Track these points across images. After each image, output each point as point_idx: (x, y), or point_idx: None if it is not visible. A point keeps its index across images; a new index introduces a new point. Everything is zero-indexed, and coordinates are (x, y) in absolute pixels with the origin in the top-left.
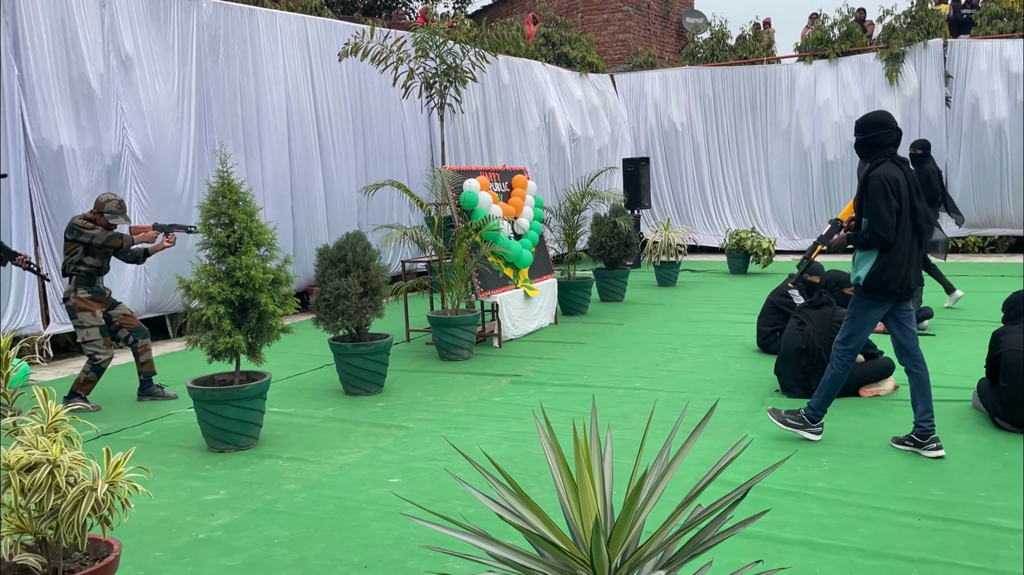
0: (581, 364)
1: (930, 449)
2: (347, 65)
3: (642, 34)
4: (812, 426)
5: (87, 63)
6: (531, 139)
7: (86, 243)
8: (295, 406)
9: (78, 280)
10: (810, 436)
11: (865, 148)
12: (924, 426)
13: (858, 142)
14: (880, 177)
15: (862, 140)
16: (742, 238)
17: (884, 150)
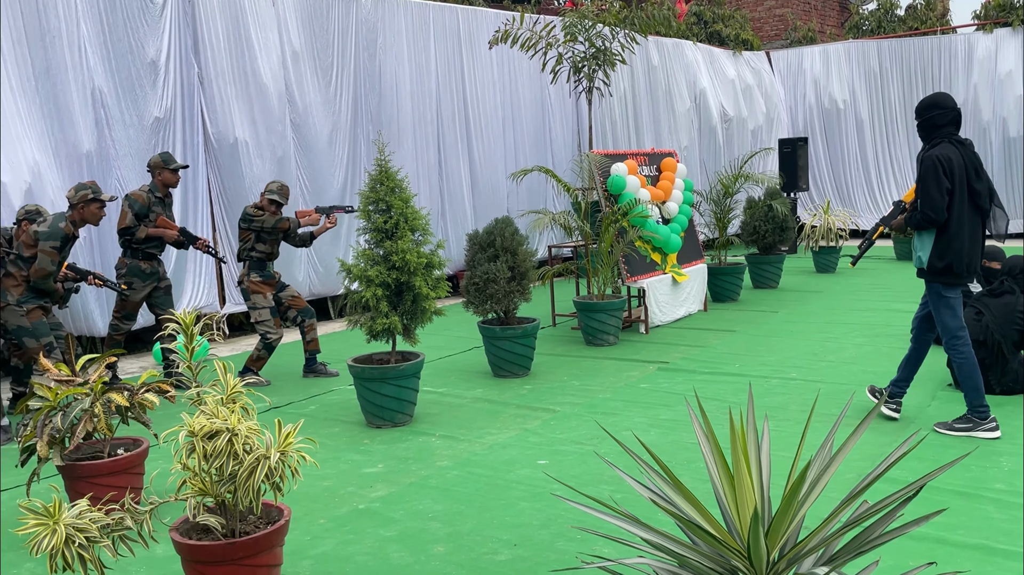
0: (732, 352)
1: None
2: (494, 52)
3: (801, 8)
4: (983, 424)
5: (259, 60)
6: (680, 121)
7: (257, 230)
8: (446, 386)
9: (251, 265)
10: (985, 435)
11: (923, 131)
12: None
13: (917, 125)
14: (932, 157)
15: (919, 123)
16: None
17: (941, 131)
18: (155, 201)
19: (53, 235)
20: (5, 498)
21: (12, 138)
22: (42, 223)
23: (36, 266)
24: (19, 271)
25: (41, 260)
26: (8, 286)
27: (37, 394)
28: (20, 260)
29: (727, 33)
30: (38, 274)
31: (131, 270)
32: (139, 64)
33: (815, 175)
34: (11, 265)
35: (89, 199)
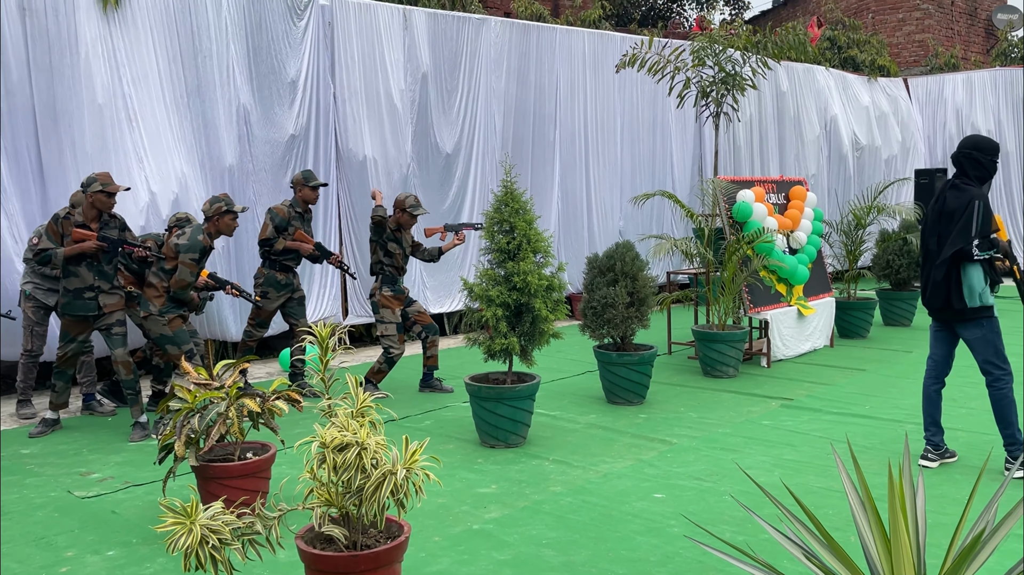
0: (862, 392)
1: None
2: (616, 75)
3: (943, 33)
4: None
5: (391, 80)
6: (809, 148)
7: (387, 239)
8: (560, 409)
9: (383, 279)
10: None
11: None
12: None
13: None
14: None
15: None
16: None
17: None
18: (295, 216)
19: (192, 247)
20: (141, 493)
21: (163, 151)
22: (181, 236)
23: (176, 277)
24: (160, 282)
25: (181, 272)
26: (150, 296)
27: (177, 395)
28: (162, 271)
29: (862, 59)
30: (178, 285)
31: (268, 280)
32: (280, 83)
33: None
34: (153, 276)
35: (223, 211)
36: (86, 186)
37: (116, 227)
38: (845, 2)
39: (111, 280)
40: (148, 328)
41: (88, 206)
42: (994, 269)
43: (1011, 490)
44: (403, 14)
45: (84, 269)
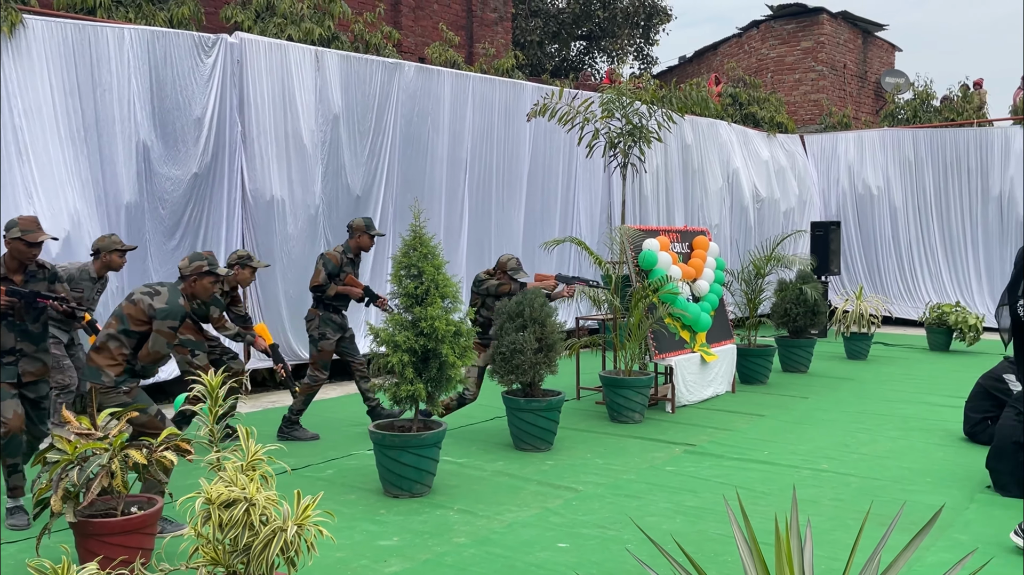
0: (761, 438)
1: None
2: (526, 124)
3: (836, 94)
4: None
5: (301, 121)
6: (712, 199)
7: (484, 294)
8: (467, 456)
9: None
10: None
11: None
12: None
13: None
14: None
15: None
16: (945, 312)
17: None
18: (346, 262)
19: (173, 313)
20: (15, 550)
21: (55, 186)
22: (156, 296)
23: (150, 348)
24: (119, 348)
25: (156, 342)
26: (102, 364)
27: (56, 446)
28: (124, 335)
29: (762, 115)
30: (151, 358)
31: (324, 321)
32: (184, 120)
33: (847, 260)
34: (111, 340)
35: (204, 271)
36: (6, 231)
37: (45, 279)
38: (747, 61)
39: (38, 342)
40: (100, 402)
41: (8, 256)
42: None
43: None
44: (315, 55)
45: (4, 329)
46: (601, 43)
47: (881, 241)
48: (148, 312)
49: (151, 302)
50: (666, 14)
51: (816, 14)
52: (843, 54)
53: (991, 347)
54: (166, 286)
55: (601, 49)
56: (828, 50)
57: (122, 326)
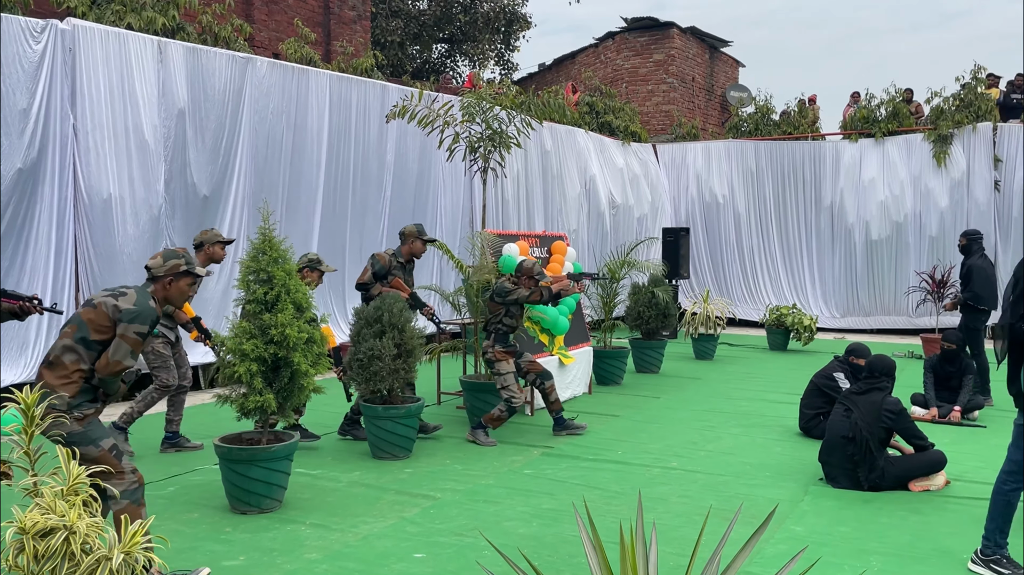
0: (616, 438)
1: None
2: (387, 125)
3: (686, 106)
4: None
5: (143, 115)
6: (571, 205)
7: (512, 302)
8: (321, 468)
9: (496, 337)
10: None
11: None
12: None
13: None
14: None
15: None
16: (783, 314)
17: None
18: (396, 265)
19: (143, 317)
20: None
21: None
22: (121, 297)
23: (111, 357)
24: (76, 363)
25: (118, 350)
26: (53, 382)
27: None
28: (83, 345)
29: (617, 124)
30: (110, 370)
31: None
32: (9, 111)
33: (695, 264)
34: (66, 352)
35: (181, 271)
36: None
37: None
38: (603, 71)
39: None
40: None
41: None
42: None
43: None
44: (158, 45)
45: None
46: (463, 47)
47: (726, 247)
48: (112, 315)
49: (115, 303)
50: (526, 21)
51: (667, 28)
52: (692, 68)
53: (824, 347)
54: (132, 288)
55: (463, 53)
56: (678, 63)
57: (79, 334)
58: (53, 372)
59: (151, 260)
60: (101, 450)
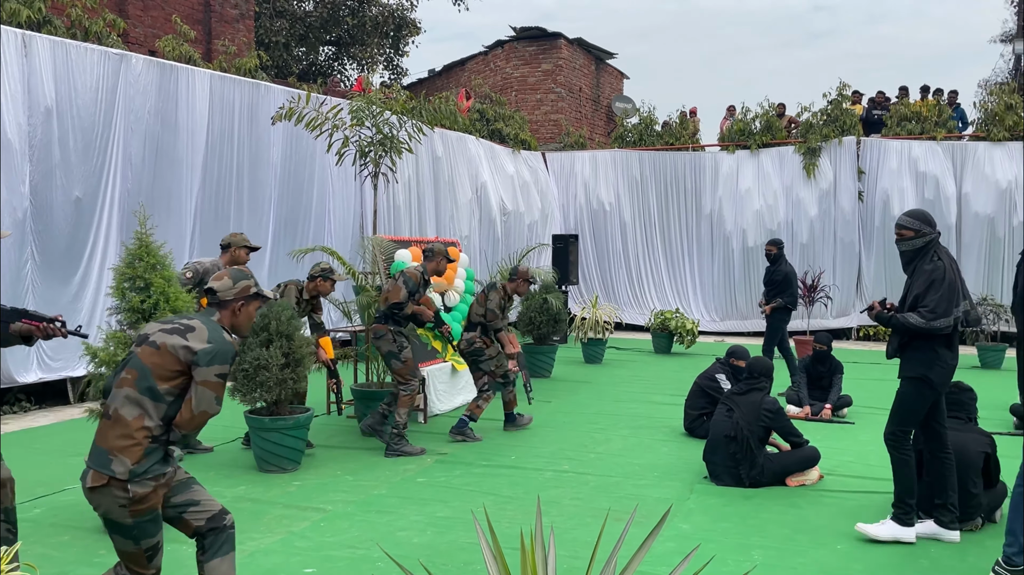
0: (509, 443)
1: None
2: (276, 129)
3: (574, 115)
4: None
5: (4, 113)
6: (462, 211)
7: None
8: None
9: (482, 328)
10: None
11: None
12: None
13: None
14: None
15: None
16: (667, 318)
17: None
18: (423, 283)
19: (222, 355)
20: None
21: None
22: (190, 333)
23: (195, 408)
24: (140, 418)
25: (202, 399)
26: (115, 445)
27: None
28: (150, 396)
29: (507, 132)
30: (196, 423)
31: (395, 334)
32: None
33: (584, 270)
34: (127, 405)
35: (251, 295)
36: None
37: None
38: (492, 79)
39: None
40: (102, 506)
41: None
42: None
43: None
44: (22, 39)
45: None
46: (351, 50)
47: (613, 253)
48: (184, 359)
49: (185, 343)
50: (415, 27)
51: (555, 39)
52: (579, 78)
53: (706, 349)
54: (198, 319)
55: (351, 56)
56: (566, 73)
57: (143, 382)
58: (114, 430)
59: (216, 282)
60: (139, 549)
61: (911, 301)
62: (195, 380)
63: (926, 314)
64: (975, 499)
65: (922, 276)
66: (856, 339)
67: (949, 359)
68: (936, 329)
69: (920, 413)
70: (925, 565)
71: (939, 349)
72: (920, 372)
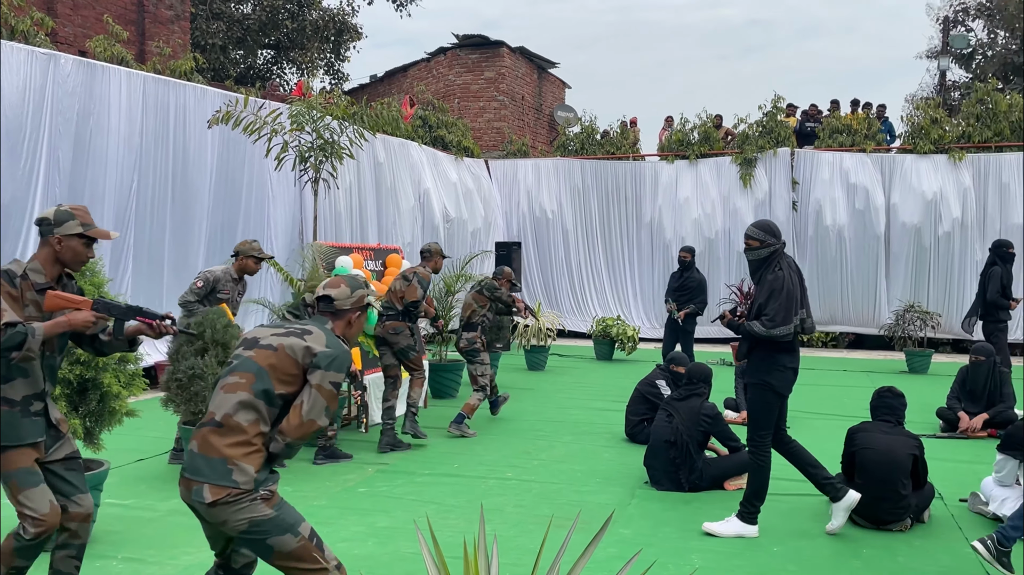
0: (451, 451)
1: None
2: (213, 133)
3: (516, 123)
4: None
5: None
6: (405, 218)
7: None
8: (135, 497)
9: (483, 329)
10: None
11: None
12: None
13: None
14: None
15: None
16: (608, 325)
17: None
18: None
19: (340, 362)
20: None
21: None
22: (308, 336)
23: (305, 416)
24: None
25: (315, 406)
26: (231, 453)
27: None
28: (265, 400)
29: (450, 139)
30: (304, 431)
31: (412, 330)
32: None
33: (527, 277)
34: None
35: (366, 305)
36: (51, 223)
37: (74, 289)
38: (435, 86)
39: (56, 382)
40: (224, 518)
41: (50, 256)
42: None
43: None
44: None
45: (35, 364)
46: (290, 54)
47: (555, 260)
48: (302, 360)
49: (305, 343)
50: (356, 32)
51: (497, 47)
52: (521, 86)
53: (646, 356)
54: (313, 324)
55: (290, 60)
56: (508, 81)
57: (260, 385)
58: (228, 438)
59: (332, 289)
60: (300, 538)
61: (755, 309)
62: (310, 383)
63: (766, 322)
64: (904, 500)
65: (765, 285)
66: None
67: (788, 363)
68: (776, 336)
69: (770, 417)
70: (857, 565)
71: (778, 355)
72: (761, 378)
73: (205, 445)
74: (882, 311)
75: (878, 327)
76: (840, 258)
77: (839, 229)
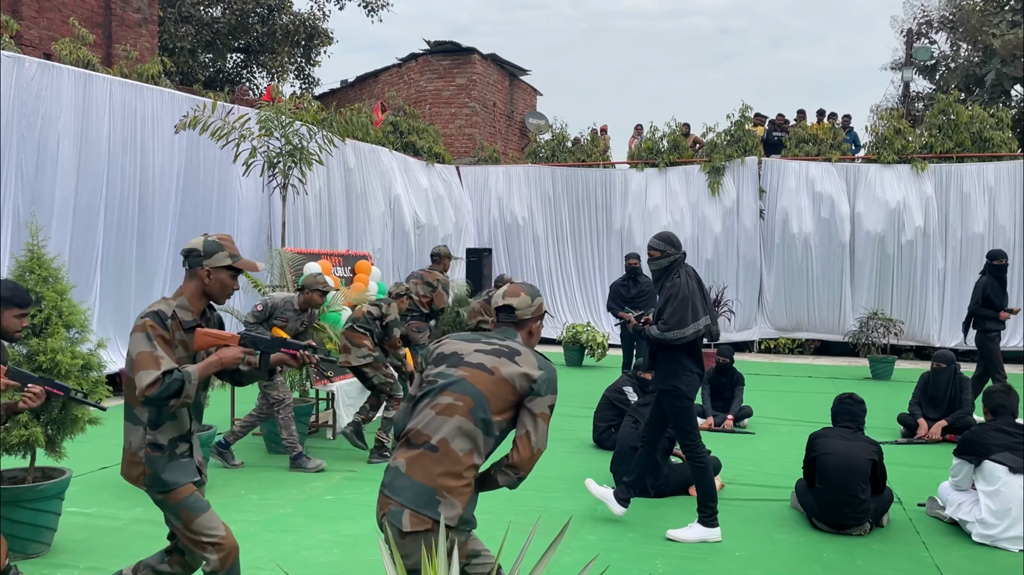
0: None
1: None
2: (181, 137)
3: (487, 130)
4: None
5: None
6: (375, 224)
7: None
8: (98, 505)
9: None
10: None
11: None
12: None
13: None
14: None
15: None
16: (578, 331)
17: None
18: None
19: (554, 384)
20: None
21: None
22: (518, 357)
23: (535, 445)
24: (471, 454)
25: (542, 433)
26: (444, 483)
27: None
28: (483, 429)
29: (421, 145)
30: (533, 463)
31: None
32: None
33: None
34: (459, 437)
35: (543, 313)
36: (201, 255)
37: (216, 320)
38: (406, 92)
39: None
40: (413, 555)
41: (197, 290)
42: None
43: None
44: None
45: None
46: (260, 58)
47: (526, 267)
48: (521, 387)
49: (522, 370)
50: (327, 36)
51: (469, 53)
52: (493, 93)
53: (615, 362)
54: (515, 342)
55: (260, 64)
56: (480, 88)
57: (479, 412)
58: (441, 465)
59: (512, 298)
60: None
61: (656, 316)
62: (533, 412)
63: (661, 326)
64: (864, 505)
65: (665, 293)
66: (758, 352)
67: (693, 367)
68: (669, 340)
69: (691, 419)
70: (817, 569)
71: (683, 360)
72: (669, 383)
73: (416, 468)
74: (847, 318)
75: (843, 334)
76: (806, 266)
77: (805, 237)
